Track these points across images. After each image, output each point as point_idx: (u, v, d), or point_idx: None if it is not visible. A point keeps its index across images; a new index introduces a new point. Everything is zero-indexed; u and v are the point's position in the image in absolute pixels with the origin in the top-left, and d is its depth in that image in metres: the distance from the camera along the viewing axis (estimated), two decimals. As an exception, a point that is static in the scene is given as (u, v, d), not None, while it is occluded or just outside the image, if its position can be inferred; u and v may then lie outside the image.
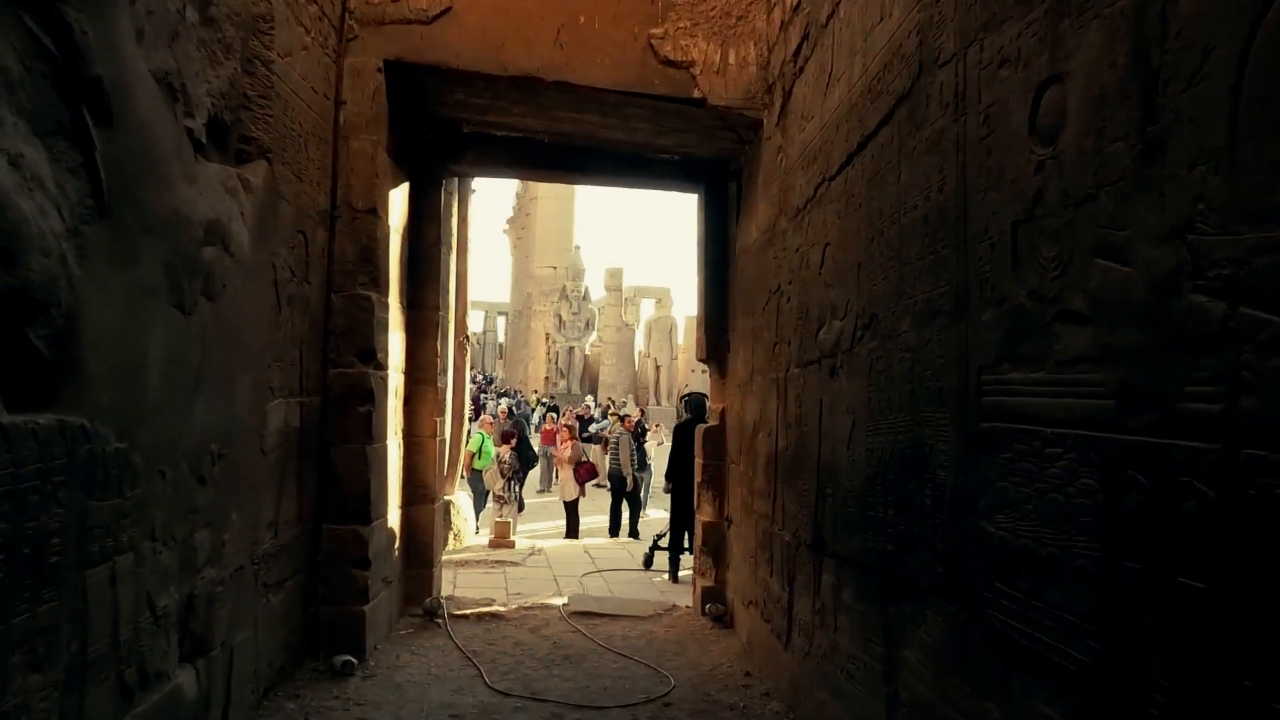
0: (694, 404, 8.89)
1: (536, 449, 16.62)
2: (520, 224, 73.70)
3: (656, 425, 20.91)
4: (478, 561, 9.24)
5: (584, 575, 8.92)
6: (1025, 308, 2.54)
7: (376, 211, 5.87)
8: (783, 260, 5.43)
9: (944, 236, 3.09)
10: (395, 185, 6.37)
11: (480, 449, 14.08)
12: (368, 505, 5.77)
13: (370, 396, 5.79)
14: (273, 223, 4.72)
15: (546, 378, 50.39)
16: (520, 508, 13.61)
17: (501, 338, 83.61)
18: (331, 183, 5.72)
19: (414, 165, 6.80)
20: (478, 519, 13.85)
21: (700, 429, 7.49)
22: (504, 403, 41.10)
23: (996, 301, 2.70)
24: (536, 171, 7.30)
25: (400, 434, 6.66)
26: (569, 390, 45.14)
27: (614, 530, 15.04)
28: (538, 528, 15.29)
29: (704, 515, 7.37)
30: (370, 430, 5.79)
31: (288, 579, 5.19)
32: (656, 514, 17.73)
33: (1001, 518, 2.63)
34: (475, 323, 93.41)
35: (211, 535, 4.01)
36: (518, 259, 75.48)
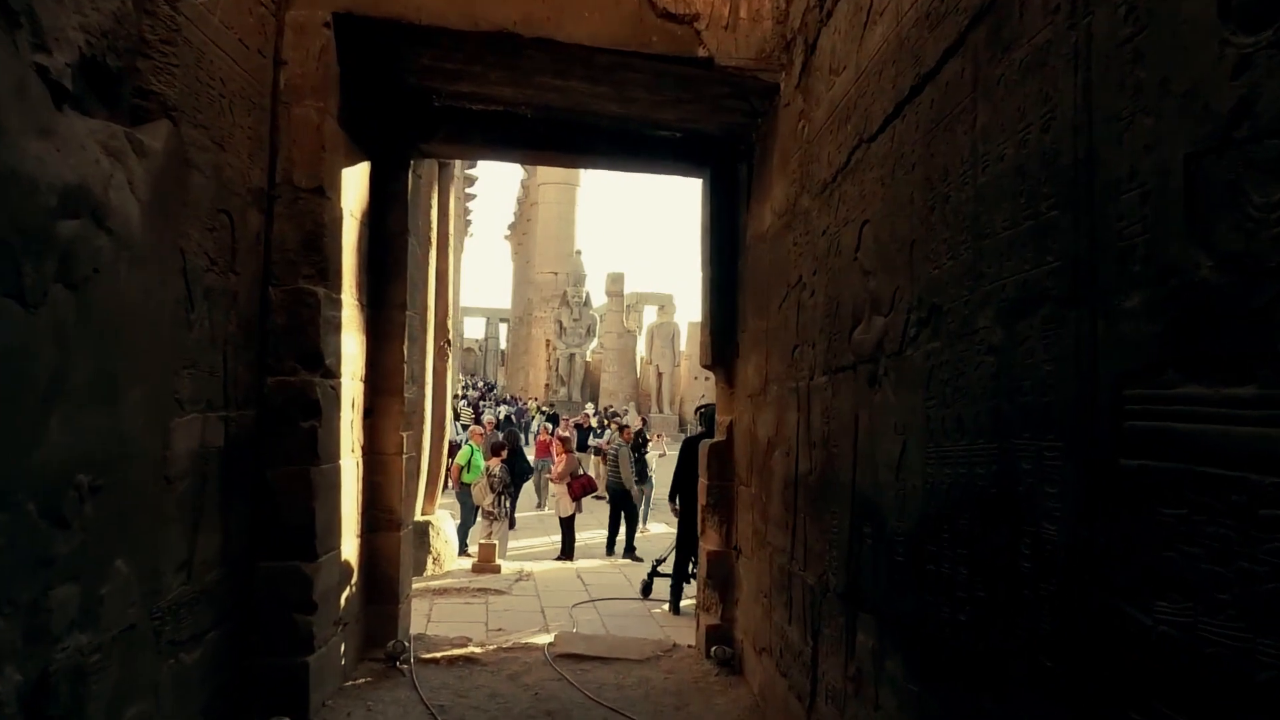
0: (709, 417, 8.01)
1: (532, 461, 15.67)
2: (521, 229, 72.93)
3: (658, 435, 20.00)
4: (458, 589, 8.34)
5: (575, 606, 8.01)
6: (1212, 284, 1.65)
7: (324, 191, 4.99)
8: (805, 247, 4.54)
9: (1051, 192, 2.20)
10: (351, 163, 5.49)
11: (469, 462, 13.20)
12: (312, 538, 4.87)
13: (316, 409, 4.90)
14: (180, 197, 3.84)
15: (547, 385, 49.55)
16: (511, 524, 12.72)
17: (504, 344, 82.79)
18: (269, 157, 4.84)
19: (376, 143, 5.92)
20: (466, 536, 12.98)
21: (705, 445, 6.60)
22: (502, 410, 40.24)
23: (1153, 278, 1.81)
24: (519, 152, 6.40)
25: (359, 451, 5.77)
26: (570, 398, 44.27)
27: (610, 548, 14.23)
28: (531, 544, 14.41)
29: (709, 543, 6.47)
30: (316, 449, 4.90)
31: (208, 631, 4.30)
32: (657, 529, 16.83)
33: (1166, 605, 1.74)
34: (477, 329, 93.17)
35: (81, 591, 3.12)
36: (519, 265, 74.71)
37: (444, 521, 9.32)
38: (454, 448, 15.47)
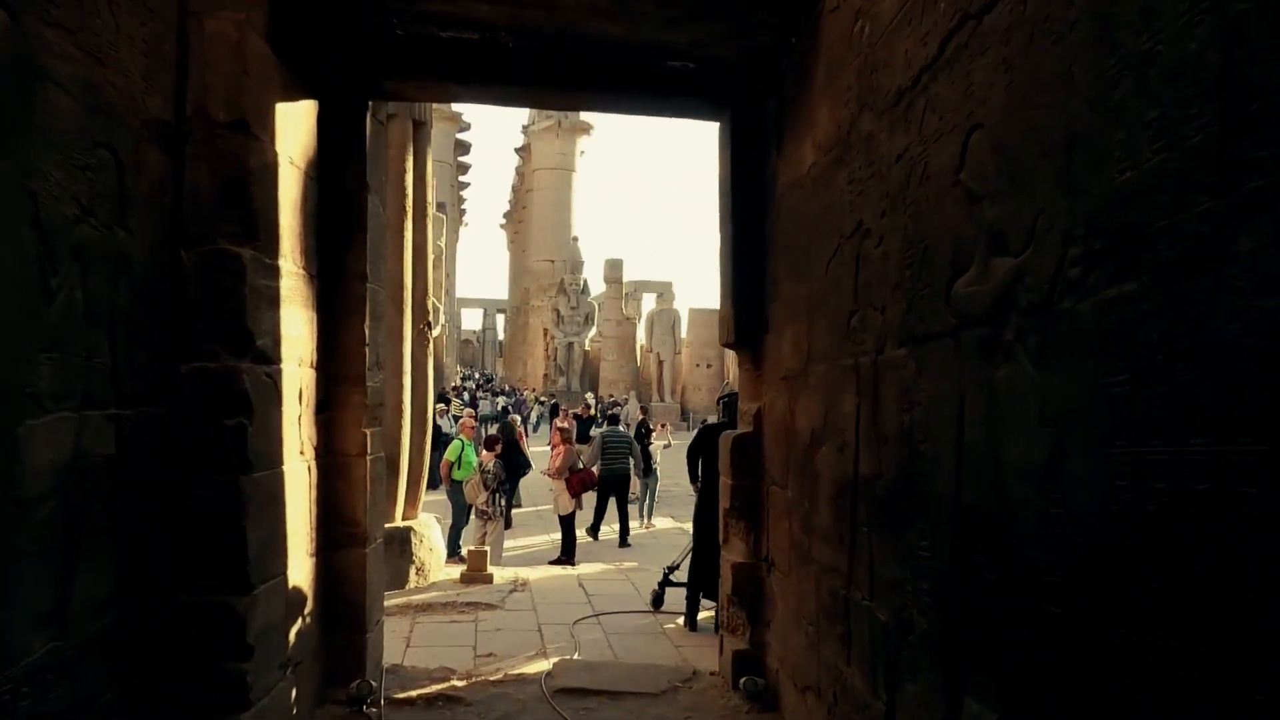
0: (732, 406, 6.98)
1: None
2: (517, 217, 71.87)
3: (662, 425, 18.99)
4: (444, 605, 7.33)
5: (577, 623, 7.00)
6: None
7: (249, 127, 3.95)
8: (867, 183, 3.51)
9: None
10: (289, 99, 4.45)
11: (460, 457, 12.17)
12: (243, 564, 3.85)
13: (244, 403, 3.87)
14: (23, 120, 2.80)
15: (546, 375, 48.58)
16: (508, 524, 11.71)
17: (502, 335, 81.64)
18: (177, 81, 3.80)
19: (327, 81, 4.88)
20: (459, 538, 11.98)
21: (727, 438, 5.57)
22: (500, 401, 39.20)
23: None
24: (501, 90, 5.34)
25: (311, 453, 4.74)
26: (569, 387, 43.31)
27: (595, 531, 14.01)
28: (529, 543, 13.42)
29: (733, 553, 5.45)
30: (246, 452, 3.87)
31: (100, 695, 3.29)
32: (663, 523, 15.84)
33: None
34: (474, 321, 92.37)
35: None
36: (515, 254, 73.67)
37: (428, 527, 8.30)
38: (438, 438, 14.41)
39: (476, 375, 63.93)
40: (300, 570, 4.56)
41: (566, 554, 11.97)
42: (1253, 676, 1.49)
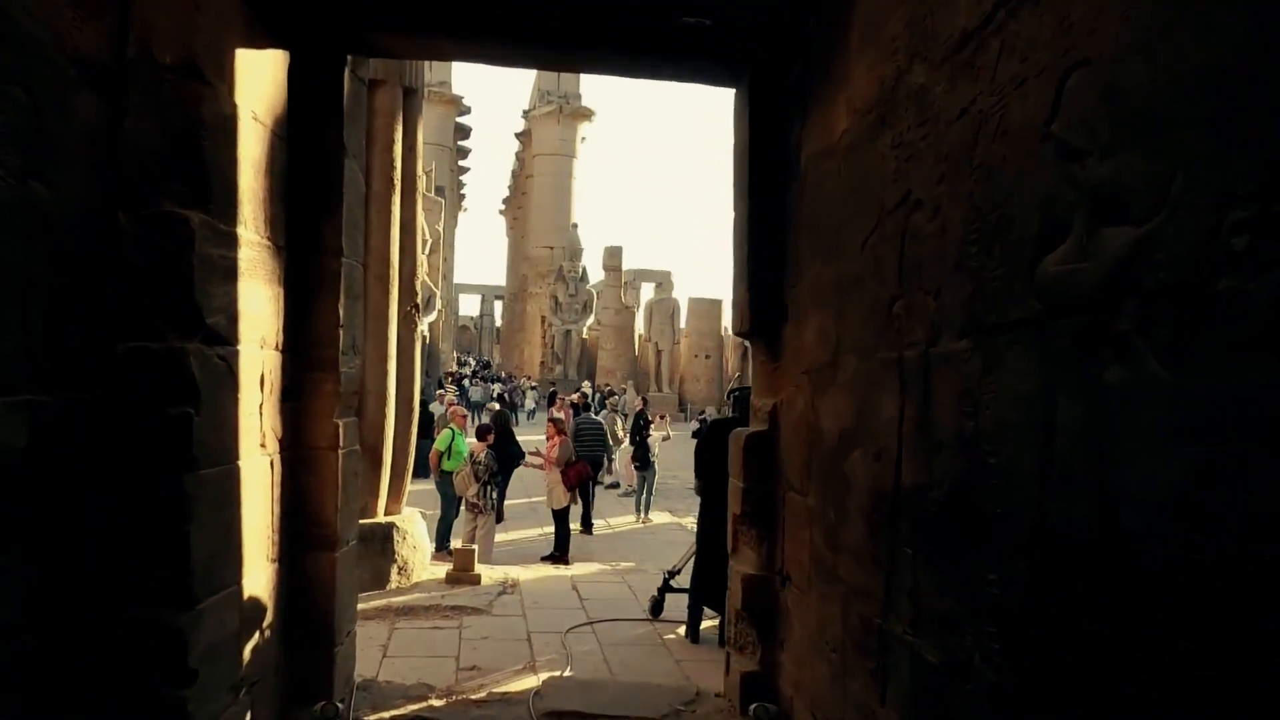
0: (744, 400, 6.45)
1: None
2: (516, 203, 71.21)
3: (661, 416, 18.50)
4: (427, 608, 6.83)
5: (570, 630, 6.50)
6: None
7: (202, 73, 3.43)
8: (917, 145, 2.99)
9: None
10: (253, 45, 3.92)
11: (450, 447, 11.67)
12: (186, 575, 3.34)
13: (191, 389, 3.36)
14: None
15: (543, 362, 48.08)
16: (499, 517, 11.21)
17: (499, 322, 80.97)
18: (115, 16, 3.27)
19: (299, 32, 4.35)
20: (448, 531, 11.49)
21: (738, 436, 5.06)
22: (496, 387, 38.68)
23: None
24: (495, 45, 4.80)
25: (275, 446, 4.23)
26: (565, 375, 42.81)
27: (588, 526, 13.82)
28: (522, 537, 12.95)
29: (743, 563, 4.95)
30: (191, 446, 3.35)
31: (3, 731, 2.79)
32: (661, 518, 15.36)
33: None
34: (472, 306, 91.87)
35: None
36: (514, 240, 73.04)
37: (412, 522, 7.78)
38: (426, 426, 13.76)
39: (472, 361, 63.53)
40: (259, 578, 4.05)
41: (560, 549, 11.49)
42: None
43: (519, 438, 14.89)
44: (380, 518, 7.37)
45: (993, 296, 2.43)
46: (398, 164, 7.39)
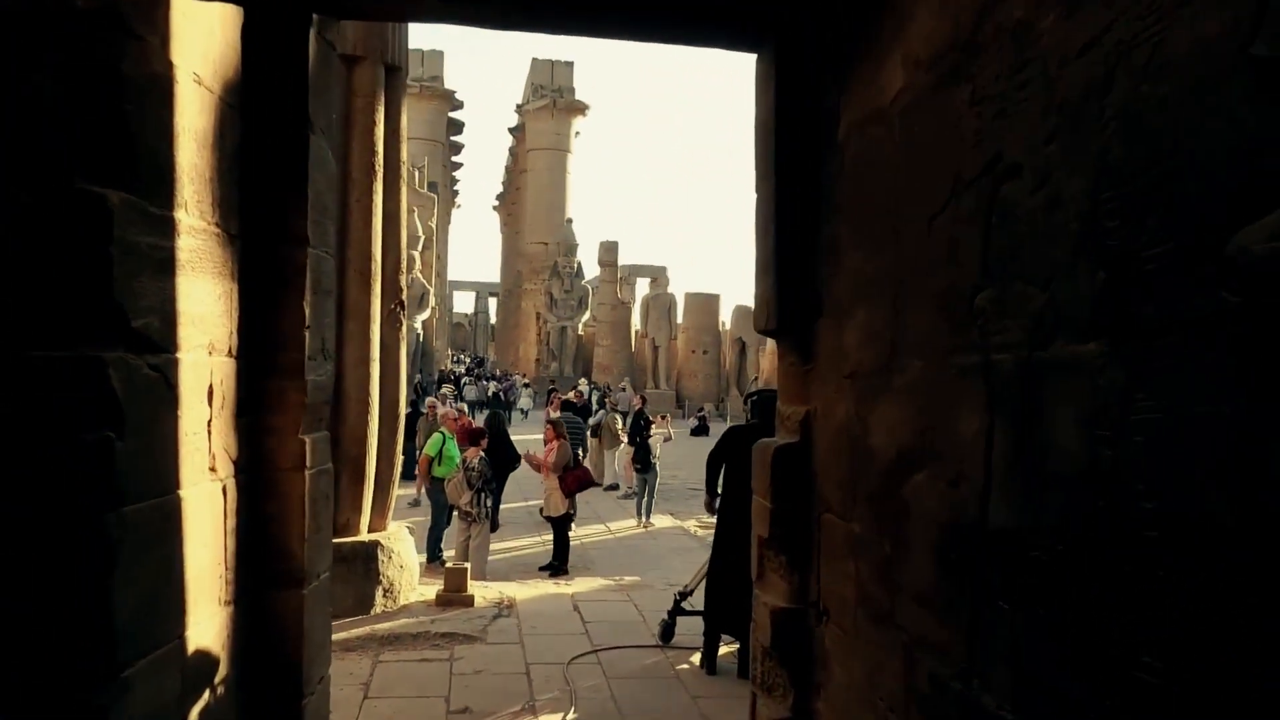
0: (765, 405, 5.82)
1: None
2: (511, 199, 70.53)
3: (662, 416, 17.88)
4: (414, 636, 6.21)
5: (573, 661, 5.89)
6: None
7: (127, 22, 2.81)
8: (1011, 99, 2.37)
9: None
10: (194, -7, 3.31)
11: (440, 452, 11.07)
12: (107, 638, 2.72)
13: (113, 408, 2.74)
14: None
15: (538, 359, 47.54)
16: (494, 526, 10.61)
17: (494, 319, 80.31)
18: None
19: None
20: (439, 541, 10.89)
21: (764, 449, 4.45)
22: (491, 386, 38.07)
23: None
24: (482, 5, 4.17)
25: (228, 469, 3.61)
26: (561, 372, 42.26)
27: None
28: (518, 546, 12.36)
29: (770, 593, 4.34)
30: (115, 477, 2.74)
31: None
32: (662, 522, 14.77)
33: None
34: (466, 304, 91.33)
35: None
36: (508, 236, 72.44)
37: (399, 540, 7.16)
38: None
39: (466, 359, 62.97)
40: (208, 627, 3.43)
41: (558, 559, 10.90)
42: None
43: (518, 437, 14.35)
44: (363, 535, 6.75)
45: (1147, 286, 1.82)
46: (379, 149, 6.76)
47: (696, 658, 5.99)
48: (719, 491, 5.97)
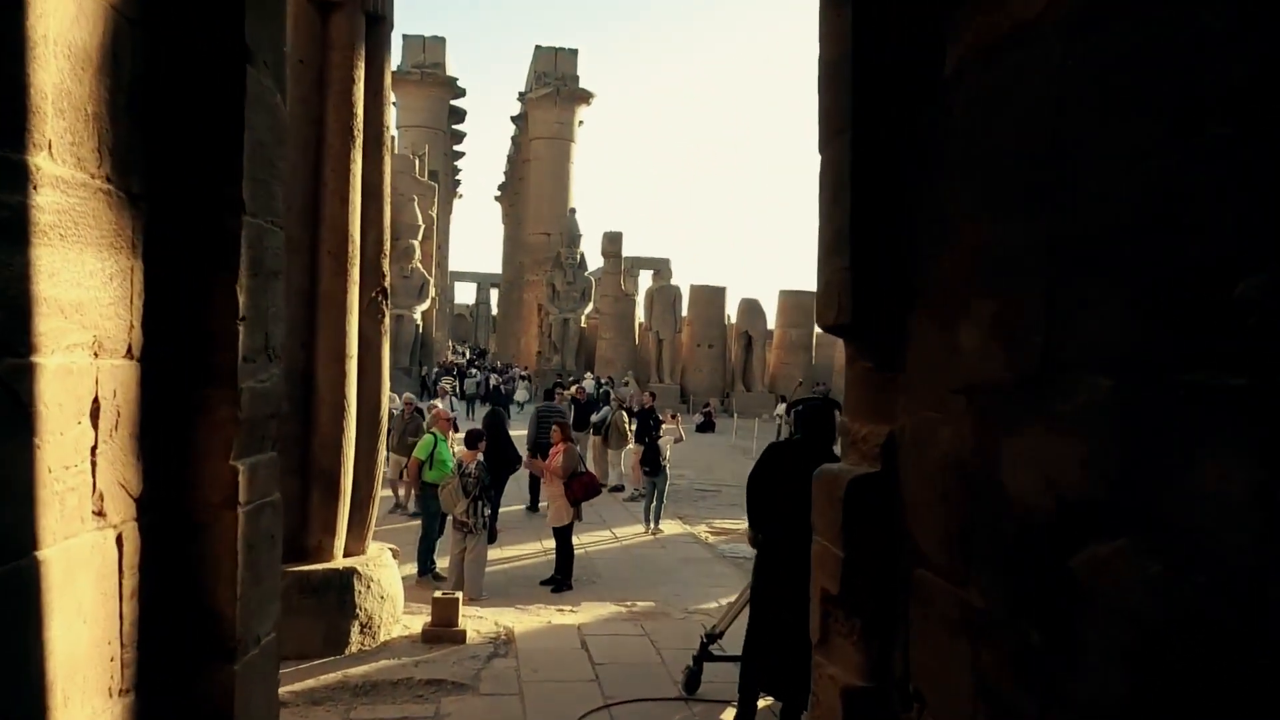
0: (812, 417, 4.87)
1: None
2: (513, 190, 69.36)
3: (672, 415, 16.96)
4: (395, 683, 5.28)
5: (584, 719, 4.96)
6: None
7: None
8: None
9: None
10: None
11: (432, 455, 10.14)
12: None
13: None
14: None
15: (539, 352, 46.57)
16: (492, 538, 9.67)
17: (495, 311, 79.21)
18: None
19: None
20: (431, 553, 9.97)
21: (832, 478, 3.49)
22: (493, 379, 37.10)
23: None
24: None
25: (126, 510, 2.68)
26: (563, 366, 41.29)
27: (534, 505, 14.14)
28: (518, 554, 11.45)
29: (837, 663, 3.41)
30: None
31: None
32: (672, 528, 13.84)
33: None
34: (468, 295, 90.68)
35: None
36: (510, 227, 71.33)
37: (380, 565, 6.19)
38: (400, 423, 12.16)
39: (466, 351, 62.11)
40: (89, 730, 2.50)
41: (561, 573, 9.98)
42: None
43: (514, 432, 13.48)
44: (338, 561, 5.82)
45: None
46: (359, 111, 5.81)
47: (729, 716, 5.05)
48: (759, 517, 5.01)
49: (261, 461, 3.21)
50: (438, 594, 6.30)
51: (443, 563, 10.06)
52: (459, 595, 6.31)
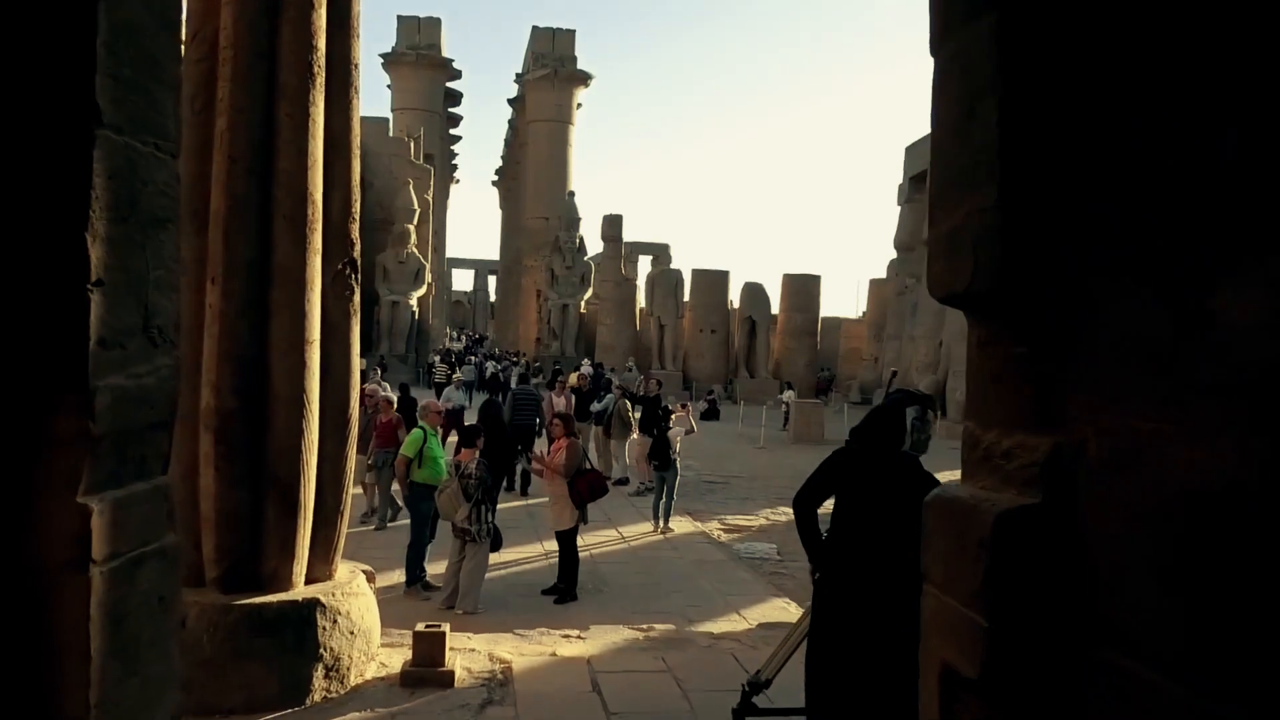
0: (882, 420, 3.86)
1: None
2: (510, 174, 68.17)
3: (682, 405, 15.95)
4: (365, 744, 4.29)
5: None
6: None
7: None
8: None
9: None
10: None
11: (421, 452, 9.13)
12: None
13: None
14: None
15: (538, 339, 45.57)
16: (496, 545, 8.64)
17: (494, 297, 78.22)
18: None
19: None
20: (422, 561, 8.99)
21: (959, 509, 2.47)
22: (490, 366, 36.08)
23: None
24: None
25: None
26: (563, 352, 40.27)
27: (511, 485, 13.79)
28: (517, 558, 10.47)
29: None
30: None
31: None
32: (683, 526, 12.85)
33: None
34: (465, 282, 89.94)
35: None
36: (508, 212, 70.19)
37: (349, 596, 5.08)
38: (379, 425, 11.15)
39: (463, 338, 61.18)
40: None
41: (565, 581, 9.00)
42: None
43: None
44: (298, 591, 4.80)
45: None
46: (320, 44, 4.76)
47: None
48: (821, 541, 3.98)
49: (138, 495, 2.18)
50: (420, 626, 5.27)
51: (433, 570, 9.10)
52: (445, 628, 5.29)
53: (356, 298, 5.09)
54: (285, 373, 4.68)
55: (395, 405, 12.10)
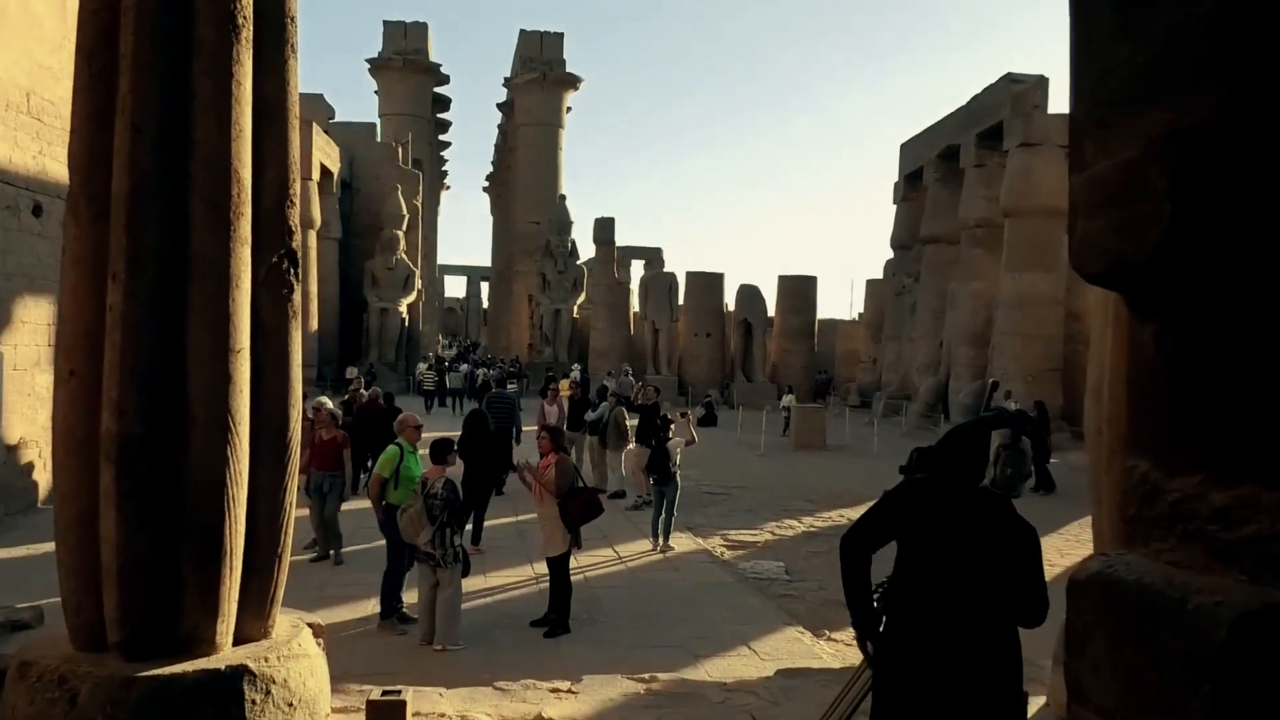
0: (959, 444, 3.03)
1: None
2: (501, 179, 67.26)
3: (682, 414, 15.09)
4: None
5: None
6: None
7: None
8: None
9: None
10: None
11: (397, 471, 8.27)
12: None
13: None
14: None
15: (531, 344, 44.72)
16: (465, 569, 7.81)
17: (486, 303, 77.29)
18: None
19: None
20: (398, 590, 8.13)
21: (1106, 596, 1.64)
22: (480, 373, 35.20)
23: None
24: None
25: None
26: (555, 358, 39.42)
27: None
28: (504, 582, 9.62)
29: None
30: None
31: None
32: (684, 544, 11.99)
33: None
34: (458, 288, 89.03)
35: None
36: (499, 217, 69.29)
37: (290, 659, 4.07)
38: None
39: (454, 344, 60.36)
40: None
41: (557, 612, 8.14)
42: None
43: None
44: (224, 654, 3.88)
45: None
46: (245, -12, 3.90)
47: None
48: (878, 587, 3.12)
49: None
50: (374, 695, 4.38)
51: (410, 599, 8.25)
52: (407, 695, 4.42)
53: (297, 296, 4.22)
54: (205, 389, 3.82)
55: (339, 421, 11.23)
